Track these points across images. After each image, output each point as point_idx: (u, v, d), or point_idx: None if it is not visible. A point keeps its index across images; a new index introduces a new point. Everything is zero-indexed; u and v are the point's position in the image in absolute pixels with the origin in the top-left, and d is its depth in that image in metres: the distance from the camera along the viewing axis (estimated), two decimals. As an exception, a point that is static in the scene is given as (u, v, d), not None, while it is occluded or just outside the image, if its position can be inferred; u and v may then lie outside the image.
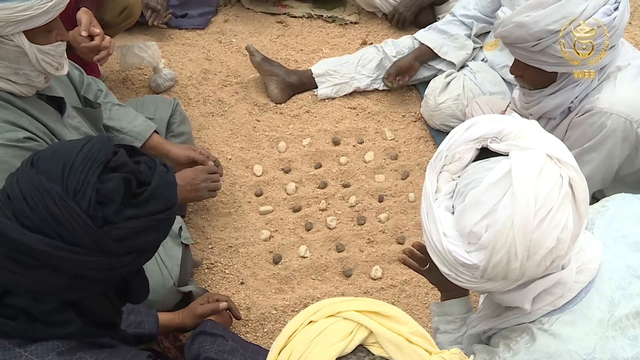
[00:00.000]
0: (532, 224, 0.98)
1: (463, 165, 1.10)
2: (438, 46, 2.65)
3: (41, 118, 1.63)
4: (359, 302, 0.91)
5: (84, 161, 1.01)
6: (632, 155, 1.74)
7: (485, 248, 1.02)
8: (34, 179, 0.99)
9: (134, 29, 2.88)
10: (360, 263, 2.17)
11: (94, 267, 1.00)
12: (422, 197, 1.13)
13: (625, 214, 1.26)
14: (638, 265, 1.17)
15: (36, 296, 1.02)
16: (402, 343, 0.86)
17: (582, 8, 1.55)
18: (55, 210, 0.96)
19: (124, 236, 1.01)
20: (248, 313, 2.02)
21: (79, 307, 1.07)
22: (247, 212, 2.31)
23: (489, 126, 1.10)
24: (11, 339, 1.02)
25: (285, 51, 2.95)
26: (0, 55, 1.48)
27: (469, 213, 1.03)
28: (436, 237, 1.08)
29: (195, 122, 2.56)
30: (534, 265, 1.01)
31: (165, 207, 1.07)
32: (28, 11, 1.43)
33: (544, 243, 0.99)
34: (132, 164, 1.07)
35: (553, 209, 0.99)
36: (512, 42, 1.66)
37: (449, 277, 1.11)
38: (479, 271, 1.04)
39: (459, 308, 1.53)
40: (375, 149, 2.54)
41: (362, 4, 3.12)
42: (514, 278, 1.03)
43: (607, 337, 1.10)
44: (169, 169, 1.13)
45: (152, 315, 1.65)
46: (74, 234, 0.97)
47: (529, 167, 1.00)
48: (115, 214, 1.00)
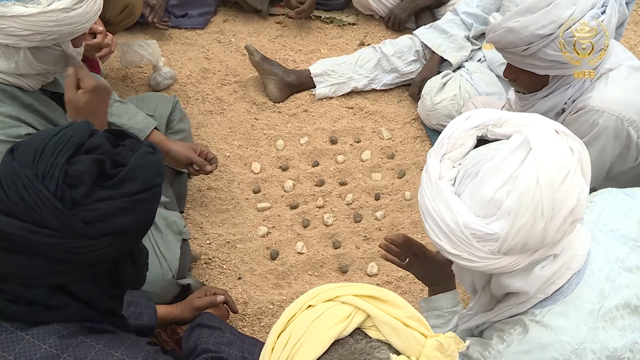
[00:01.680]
0: (557, 181, 1.02)
1: (465, 151, 1.14)
2: (437, 45, 2.68)
3: (47, 113, 1.67)
4: (356, 287, 0.92)
5: (55, 145, 1.01)
6: (623, 153, 1.77)
7: (508, 214, 1.03)
8: (9, 165, 1.00)
9: (134, 28, 2.91)
10: (356, 260, 2.19)
11: (69, 250, 1.00)
12: (424, 183, 1.13)
13: (612, 208, 1.29)
14: (626, 257, 1.20)
15: (23, 281, 1.03)
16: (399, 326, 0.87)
17: (570, 12, 1.58)
18: (25, 194, 0.97)
19: (96, 218, 1.00)
20: (245, 307, 2.03)
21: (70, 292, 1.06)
22: (245, 209, 2.33)
23: (488, 114, 1.15)
24: (13, 322, 1.04)
25: (284, 51, 2.98)
26: (43, 59, 1.56)
27: (488, 182, 1.05)
28: (448, 215, 1.07)
29: (194, 120, 2.58)
30: (555, 227, 1.04)
31: (142, 189, 1.05)
32: (87, 23, 1.53)
33: (567, 201, 1.03)
34: (109, 145, 1.06)
35: (571, 170, 1.04)
36: (503, 47, 1.70)
37: (457, 260, 1.09)
38: (499, 242, 1.04)
39: (446, 302, 1.55)
40: (372, 148, 2.56)
41: (359, 7, 3.15)
42: (533, 246, 1.05)
43: (598, 328, 1.12)
44: (156, 151, 1.11)
45: (151, 308, 1.66)
46: (44, 217, 0.97)
47: (543, 134, 1.06)
48: (86, 196, 0.99)
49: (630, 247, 1.22)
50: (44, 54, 1.55)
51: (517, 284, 1.12)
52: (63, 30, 1.49)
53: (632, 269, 1.19)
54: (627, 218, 1.27)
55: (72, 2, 1.47)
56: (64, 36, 1.51)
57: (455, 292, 1.58)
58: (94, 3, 1.53)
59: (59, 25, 1.47)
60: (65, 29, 1.49)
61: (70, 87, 1.55)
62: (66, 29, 1.49)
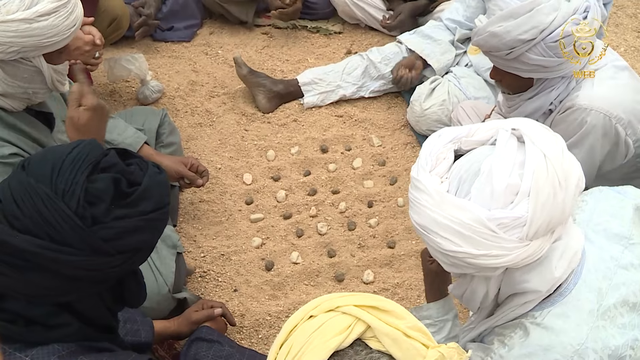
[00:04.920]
0: (559, 153, 1.07)
1: (449, 164, 1.15)
2: (421, 48, 2.69)
3: (31, 132, 1.64)
4: (357, 297, 0.92)
5: (73, 162, 1.02)
6: (612, 151, 1.79)
7: (527, 195, 1.04)
8: (24, 181, 1.00)
9: (121, 42, 2.90)
10: (352, 268, 2.19)
11: (85, 268, 1.00)
12: (424, 201, 1.11)
13: (603, 207, 1.30)
14: (620, 255, 1.21)
15: (30, 299, 1.03)
16: (400, 337, 0.87)
17: (552, 18, 1.61)
18: (44, 210, 0.97)
19: (114, 236, 1.01)
20: (242, 320, 2.02)
21: (73, 310, 1.06)
22: (238, 221, 2.32)
23: (457, 129, 1.19)
24: (12, 344, 1.03)
25: (271, 61, 2.98)
26: (15, 75, 1.51)
27: (497, 173, 1.06)
28: (466, 216, 1.05)
29: (184, 133, 2.57)
30: (570, 197, 1.07)
31: (156, 207, 1.07)
32: (55, 37, 1.47)
33: (573, 171, 1.09)
34: (123, 164, 1.07)
35: (564, 145, 1.11)
36: (488, 50, 1.73)
37: (484, 260, 1.07)
38: (526, 226, 1.04)
39: (436, 311, 1.56)
40: (363, 156, 2.57)
41: (344, 16, 3.16)
42: (555, 222, 1.07)
43: (598, 327, 1.12)
44: (162, 171, 1.13)
45: (148, 324, 1.65)
46: (63, 234, 0.97)
47: (527, 122, 1.13)
48: (105, 214, 1.00)
49: (623, 245, 1.23)
50: (15, 69, 1.50)
51: (533, 280, 1.11)
52: (25, 43, 1.43)
53: (627, 267, 1.20)
54: (618, 216, 1.28)
55: (34, 13, 1.41)
56: (27, 49, 1.45)
57: (446, 301, 1.58)
58: (65, 17, 1.47)
59: (20, 37, 1.42)
60: (27, 41, 1.43)
61: (73, 104, 1.53)
62: (28, 41, 1.43)
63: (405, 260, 2.21)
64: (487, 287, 1.18)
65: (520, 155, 1.08)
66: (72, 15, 1.50)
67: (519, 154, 1.08)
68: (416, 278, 2.15)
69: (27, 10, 1.41)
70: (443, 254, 1.11)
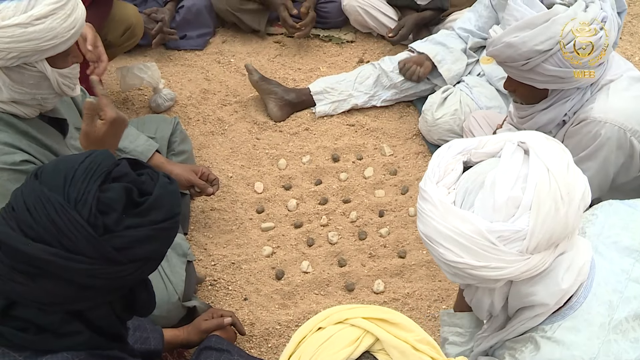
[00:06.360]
0: (563, 168, 1.07)
1: (457, 175, 1.15)
2: (433, 53, 2.68)
3: (43, 139, 1.64)
4: (366, 309, 0.92)
5: (86, 171, 1.03)
6: (627, 163, 1.77)
7: (529, 209, 1.04)
8: (37, 190, 1.01)
9: (134, 51, 2.93)
10: (362, 277, 2.18)
11: (97, 276, 1.01)
12: (428, 211, 1.12)
13: (614, 221, 1.29)
14: (631, 268, 1.20)
15: (42, 307, 1.03)
16: (408, 350, 0.87)
17: (569, 29, 1.59)
18: (57, 219, 0.98)
19: (126, 245, 1.02)
20: (252, 329, 2.02)
21: (84, 318, 1.07)
22: (248, 229, 2.32)
23: (467, 140, 1.20)
24: (22, 352, 1.03)
25: (283, 70, 2.99)
26: (21, 81, 1.50)
27: (499, 185, 1.06)
28: (467, 227, 1.06)
29: (195, 141, 2.58)
30: (574, 211, 1.07)
31: (167, 217, 1.08)
32: (53, 40, 1.46)
33: (577, 185, 1.08)
34: (134, 174, 1.09)
35: (570, 160, 1.10)
36: (503, 60, 1.72)
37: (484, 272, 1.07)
38: (526, 239, 1.04)
39: (470, 321, 1.54)
40: (375, 165, 2.56)
41: (356, 25, 3.16)
42: (557, 237, 1.06)
43: (610, 341, 1.12)
44: (172, 181, 1.14)
45: (158, 332, 1.66)
46: (76, 243, 0.99)
47: (535, 135, 1.12)
48: (117, 223, 1.01)
49: (634, 258, 1.22)
50: (20, 76, 1.49)
51: (540, 294, 1.11)
52: (23, 47, 1.41)
53: (638, 280, 1.19)
54: (629, 229, 1.27)
55: (30, 17, 1.39)
56: (27, 54, 1.43)
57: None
58: (63, 19, 1.45)
59: (17, 42, 1.40)
60: (25, 45, 1.41)
61: (89, 119, 1.52)
62: (26, 45, 1.41)
63: (416, 270, 2.20)
64: (492, 298, 1.18)
65: (524, 169, 1.08)
66: (71, 18, 1.47)
67: (524, 167, 1.08)
68: (427, 288, 2.14)
69: (22, 15, 1.40)
70: (445, 264, 1.12)
